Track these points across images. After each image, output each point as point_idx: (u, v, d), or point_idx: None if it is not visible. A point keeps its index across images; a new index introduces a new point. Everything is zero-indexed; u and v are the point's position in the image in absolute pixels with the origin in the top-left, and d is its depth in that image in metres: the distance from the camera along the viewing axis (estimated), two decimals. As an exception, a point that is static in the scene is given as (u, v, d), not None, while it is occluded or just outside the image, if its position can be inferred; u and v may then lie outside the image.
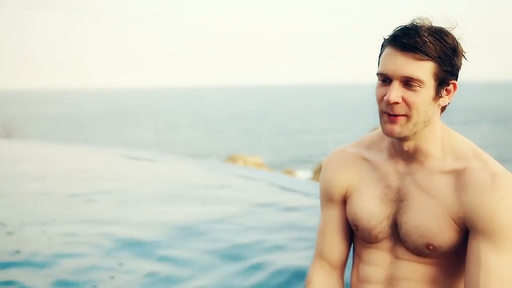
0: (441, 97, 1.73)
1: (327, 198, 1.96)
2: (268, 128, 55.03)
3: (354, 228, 1.90)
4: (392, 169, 1.84)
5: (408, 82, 1.68)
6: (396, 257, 1.85)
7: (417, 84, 1.68)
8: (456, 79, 1.74)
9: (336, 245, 1.96)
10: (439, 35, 1.68)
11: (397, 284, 1.85)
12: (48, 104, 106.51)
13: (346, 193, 1.92)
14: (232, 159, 17.58)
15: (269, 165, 21.12)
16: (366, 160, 1.90)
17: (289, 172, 20.26)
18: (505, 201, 1.70)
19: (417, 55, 1.66)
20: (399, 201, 1.83)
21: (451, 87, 1.73)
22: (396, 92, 1.68)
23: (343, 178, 1.92)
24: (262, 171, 10.76)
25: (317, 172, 17.62)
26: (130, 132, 51.13)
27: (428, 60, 1.67)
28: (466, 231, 1.77)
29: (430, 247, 1.78)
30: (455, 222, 1.76)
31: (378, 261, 1.87)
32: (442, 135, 1.80)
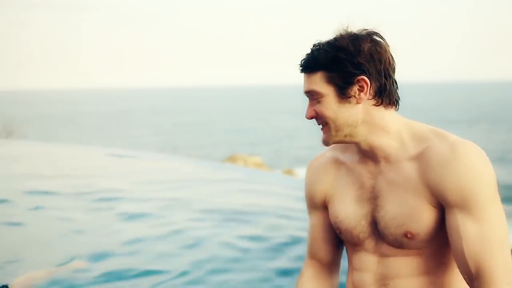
0: (352, 96, 1.79)
1: (310, 204, 2.04)
2: (268, 128, 54.99)
3: (338, 231, 1.95)
4: (364, 170, 1.89)
5: (312, 97, 1.83)
6: (382, 255, 1.87)
7: (316, 96, 1.81)
8: (366, 74, 1.77)
9: (324, 247, 2.03)
10: (329, 44, 1.79)
11: (389, 284, 1.86)
12: (46, 104, 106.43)
13: (326, 198, 1.99)
14: (232, 159, 17.59)
15: (269, 165, 21.12)
16: (341, 163, 1.96)
17: (289, 172, 20.25)
18: (469, 168, 1.71)
19: (307, 72, 1.82)
20: (374, 199, 1.86)
21: (362, 83, 1.78)
22: (308, 109, 1.85)
23: (322, 184, 1.99)
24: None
25: (317, 172, 17.52)
26: (130, 132, 51.08)
27: (316, 71, 1.80)
28: (442, 214, 1.78)
29: (408, 235, 1.80)
30: (430, 203, 1.78)
31: (367, 264, 1.90)
32: (398, 126, 1.83)
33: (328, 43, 1.80)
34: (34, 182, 7.74)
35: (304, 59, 1.83)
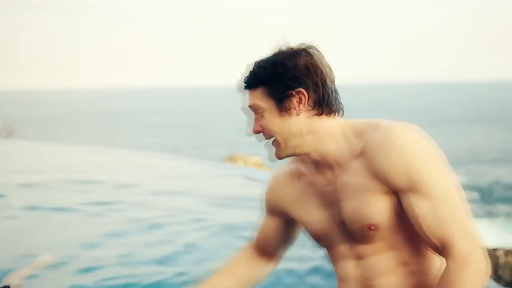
0: (292, 108, 1.86)
1: (266, 210, 2.14)
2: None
3: (316, 239, 2.01)
4: (322, 178, 1.94)
5: (255, 112, 1.91)
6: (358, 258, 1.93)
7: (259, 110, 1.89)
8: (303, 86, 1.84)
9: (268, 243, 2.17)
10: (268, 60, 1.87)
11: (371, 284, 1.91)
12: (46, 104, 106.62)
13: (285, 211, 2.06)
14: (232, 159, 17.59)
15: (269, 165, 21.14)
16: (302, 174, 2.02)
17: (289, 172, 20.21)
18: (403, 149, 1.77)
19: (249, 88, 1.90)
20: (335, 203, 1.92)
21: (300, 95, 1.84)
22: (254, 124, 1.93)
23: (281, 198, 2.06)
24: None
25: (317, 172, 17.56)
26: (130, 132, 51.14)
27: (257, 87, 1.88)
28: (397, 199, 1.82)
29: (372, 227, 1.85)
30: (382, 193, 1.83)
31: (347, 270, 1.95)
32: (341, 130, 1.89)
33: (267, 59, 1.88)
34: (32, 177, 7.76)
35: (246, 76, 1.90)
